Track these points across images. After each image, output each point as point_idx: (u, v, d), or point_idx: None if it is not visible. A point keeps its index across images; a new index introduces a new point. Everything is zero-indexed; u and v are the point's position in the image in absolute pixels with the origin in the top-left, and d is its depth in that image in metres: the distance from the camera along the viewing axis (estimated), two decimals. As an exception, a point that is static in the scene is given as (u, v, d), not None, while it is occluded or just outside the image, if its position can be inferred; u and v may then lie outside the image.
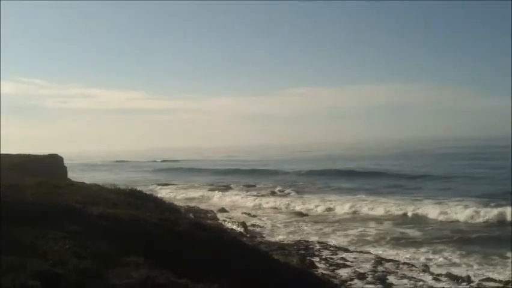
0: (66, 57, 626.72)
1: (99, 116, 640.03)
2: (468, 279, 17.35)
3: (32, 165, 32.69)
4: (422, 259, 20.41)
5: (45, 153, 43.79)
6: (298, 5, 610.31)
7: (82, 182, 22.19)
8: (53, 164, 40.01)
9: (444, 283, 17.09)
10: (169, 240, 9.86)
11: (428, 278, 17.67)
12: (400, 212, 32.22)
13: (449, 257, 20.65)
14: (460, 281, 17.30)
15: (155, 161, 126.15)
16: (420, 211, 31.82)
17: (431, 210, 31.52)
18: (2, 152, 36.13)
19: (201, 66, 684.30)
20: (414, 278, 17.73)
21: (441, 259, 20.42)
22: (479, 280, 17.30)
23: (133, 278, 6.16)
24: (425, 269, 18.82)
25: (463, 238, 24.10)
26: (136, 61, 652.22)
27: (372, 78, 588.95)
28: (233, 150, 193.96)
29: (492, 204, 32.03)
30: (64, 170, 42.95)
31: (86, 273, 6.03)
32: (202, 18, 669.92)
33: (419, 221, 29.75)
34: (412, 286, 16.86)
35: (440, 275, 17.93)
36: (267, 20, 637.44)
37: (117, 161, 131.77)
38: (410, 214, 31.65)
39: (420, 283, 17.14)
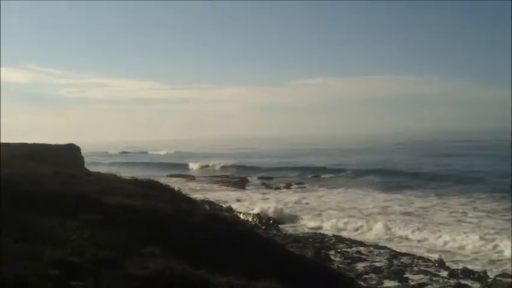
0: (82, 46, 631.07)
1: (114, 105, 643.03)
2: (484, 274, 17.20)
3: (48, 155, 32.77)
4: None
5: (62, 143, 43.95)
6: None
7: (99, 172, 22.26)
8: (69, 153, 40.13)
9: (460, 278, 16.96)
10: (186, 231, 9.86)
11: (444, 273, 17.56)
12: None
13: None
14: (476, 275, 17.15)
15: (107, 153, 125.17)
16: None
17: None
18: (18, 142, 36.42)
19: (214, 56, 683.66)
20: (430, 272, 17.63)
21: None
22: (496, 276, 17.14)
23: (150, 268, 6.16)
24: (441, 263, 18.69)
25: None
26: (148, 51, 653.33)
27: (382, 69, 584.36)
28: (239, 141, 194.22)
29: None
30: (81, 159, 43.06)
31: (103, 262, 6.04)
32: (214, 8, 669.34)
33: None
34: (428, 281, 16.76)
35: (456, 270, 17.79)
36: (279, 10, 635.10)
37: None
38: None
39: (436, 278, 17.04)
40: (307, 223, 26.93)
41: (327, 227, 25.67)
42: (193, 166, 76.37)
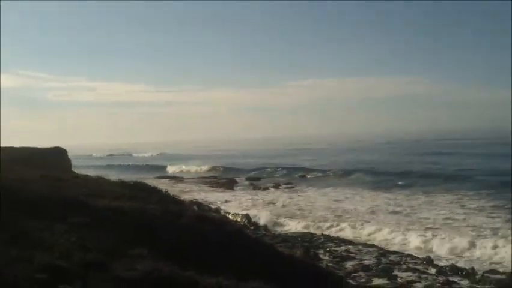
0: (67, 50, 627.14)
1: (100, 108, 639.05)
2: (472, 271, 17.34)
3: (35, 158, 32.59)
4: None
5: (49, 146, 43.69)
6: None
7: (86, 175, 22.17)
8: (57, 156, 39.95)
9: (448, 275, 17.09)
10: (174, 232, 9.86)
11: (433, 270, 17.69)
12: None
13: None
14: (465, 272, 17.29)
15: (91, 155, 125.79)
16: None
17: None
18: (4, 145, 36.14)
19: (201, 58, 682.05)
20: (419, 270, 17.76)
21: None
22: (484, 272, 17.30)
23: (138, 270, 6.17)
24: (429, 261, 18.83)
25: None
26: (137, 54, 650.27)
27: (374, 70, 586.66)
28: (226, 142, 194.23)
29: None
30: (68, 162, 42.87)
31: (91, 265, 6.04)
32: (203, 10, 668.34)
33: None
34: (416, 278, 16.88)
35: (445, 267, 17.93)
36: (269, 11, 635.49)
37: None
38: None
39: (425, 275, 17.17)
40: (295, 226, 26.81)
41: (314, 230, 25.56)
42: (179, 168, 76.17)
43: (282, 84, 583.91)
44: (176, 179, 60.27)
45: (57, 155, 41.02)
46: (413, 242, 21.65)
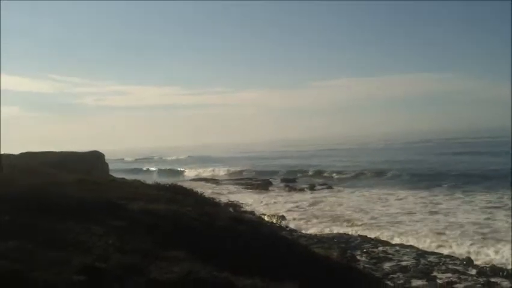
0: (100, 55, 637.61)
1: (132, 112, 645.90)
2: (513, 272, 16.92)
3: (73, 162, 33.30)
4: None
5: (87, 150, 44.48)
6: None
7: (123, 178, 22.51)
8: (94, 160, 40.72)
9: (489, 276, 16.70)
10: (210, 235, 9.90)
11: (473, 271, 17.31)
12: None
13: None
14: (505, 273, 16.87)
15: (123, 159, 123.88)
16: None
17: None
18: (43, 150, 37.04)
19: (232, 59, 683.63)
20: (458, 271, 17.40)
21: None
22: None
23: (175, 272, 6.20)
24: (469, 261, 18.43)
25: None
26: (169, 57, 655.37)
27: (404, 68, 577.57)
28: (259, 144, 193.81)
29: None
30: (105, 166, 43.63)
31: (128, 267, 6.10)
32: (232, 10, 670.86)
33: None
34: (456, 279, 16.54)
35: (485, 267, 17.54)
36: (297, 11, 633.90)
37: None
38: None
39: (465, 276, 16.81)
40: (330, 227, 26.45)
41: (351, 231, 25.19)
42: (213, 170, 76.28)
43: (311, 85, 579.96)
44: (212, 180, 60.60)
45: (95, 158, 41.82)
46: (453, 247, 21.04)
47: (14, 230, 7.05)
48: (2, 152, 32.85)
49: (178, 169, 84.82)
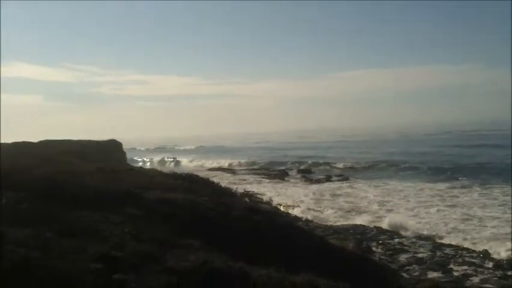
0: (120, 44, 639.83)
1: (151, 102, 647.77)
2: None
3: (91, 151, 33.46)
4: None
5: (104, 139, 44.73)
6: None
7: (141, 167, 22.63)
8: (112, 149, 40.94)
9: (506, 269, 16.55)
10: (226, 224, 9.94)
11: (490, 264, 17.17)
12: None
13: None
14: (524, 267, 16.71)
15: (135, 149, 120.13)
16: None
17: None
18: (62, 138, 37.38)
19: (251, 51, 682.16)
20: (475, 263, 17.27)
21: None
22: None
23: (190, 261, 6.23)
24: (486, 254, 18.28)
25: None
26: (191, 47, 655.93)
27: (421, 59, 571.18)
28: (276, 134, 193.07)
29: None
30: (123, 155, 43.87)
31: (144, 256, 6.15)
32: (252, 5, 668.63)
33: None
34: (473, 272, 16.42)
35: (502, 260, 17.38)
36: (317, 3, 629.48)
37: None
38: None
39: (481, 269, 16.68)
40: (346, 218, 26.42)
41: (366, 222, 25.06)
42: (230, 160, 76.14)
43: (329, 75, 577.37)
44: (228, 170, 60.69)
45: (113, 147, 42.04)
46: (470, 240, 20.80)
47: (30, 218, 7.14)
48: (22, 140, 33.37)
49: (207, 156, 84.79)
